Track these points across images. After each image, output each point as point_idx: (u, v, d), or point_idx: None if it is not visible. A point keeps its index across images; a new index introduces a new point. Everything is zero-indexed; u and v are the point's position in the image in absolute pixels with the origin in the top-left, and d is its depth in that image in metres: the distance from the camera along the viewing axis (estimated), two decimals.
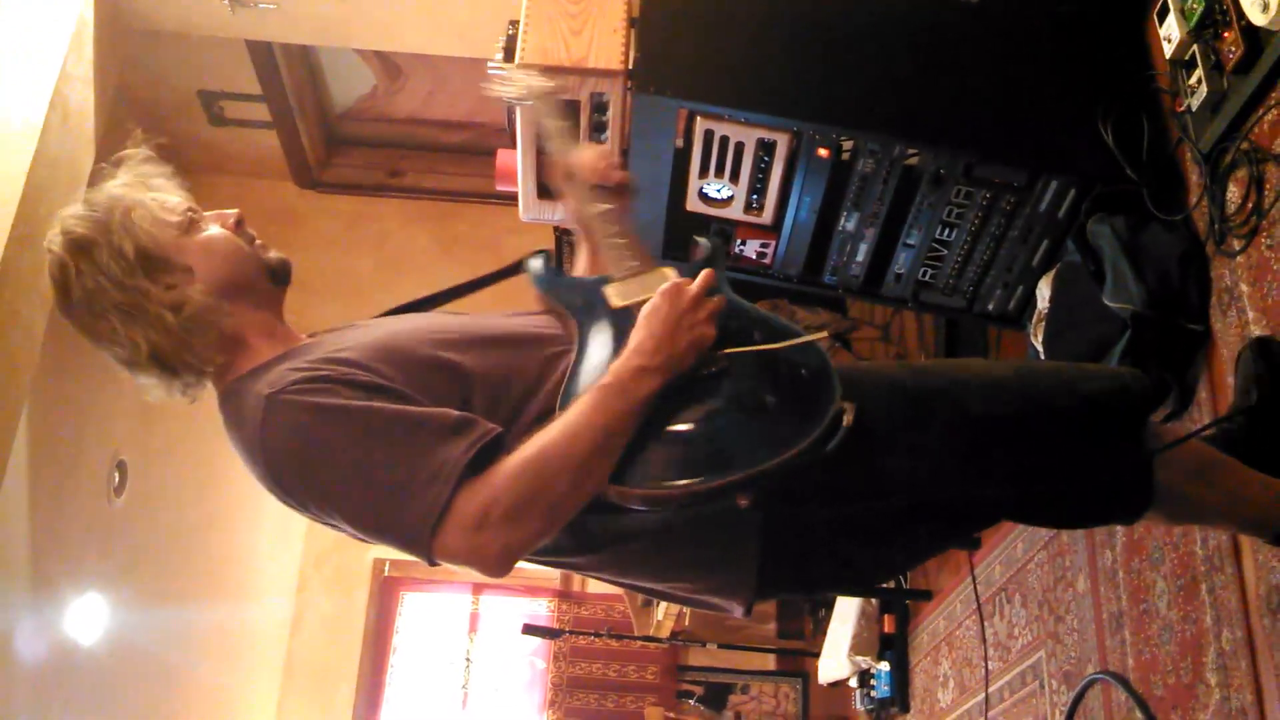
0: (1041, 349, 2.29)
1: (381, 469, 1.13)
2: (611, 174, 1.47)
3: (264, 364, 1.25)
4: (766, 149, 2.24)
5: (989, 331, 2.95)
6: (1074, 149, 2.19)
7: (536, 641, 5.63)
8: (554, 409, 1.19)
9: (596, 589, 5.81)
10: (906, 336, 3.63)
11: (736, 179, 2.30)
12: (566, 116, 1.65)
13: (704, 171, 2.30)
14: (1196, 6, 1.93)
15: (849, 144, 2.22)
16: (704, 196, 2.35)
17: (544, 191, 2.55)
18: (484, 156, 4.75)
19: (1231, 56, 1.85)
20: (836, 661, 3.95)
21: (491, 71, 2.34)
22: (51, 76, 3.02)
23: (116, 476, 4.13)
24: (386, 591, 6.10)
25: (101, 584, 4.00)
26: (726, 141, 2.23)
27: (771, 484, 1.13)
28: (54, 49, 3.05)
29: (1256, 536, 1.67)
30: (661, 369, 1.18)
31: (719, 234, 2.39)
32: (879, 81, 2.24)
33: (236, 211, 1.36)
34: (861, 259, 2.41)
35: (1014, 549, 2.85)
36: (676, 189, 2.34)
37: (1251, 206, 1.85)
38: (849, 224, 2.35)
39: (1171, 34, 2.03)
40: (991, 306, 2.44)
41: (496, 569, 1.12)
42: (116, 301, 1.24)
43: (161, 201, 1.31)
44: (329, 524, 1.21)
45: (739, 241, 2.42)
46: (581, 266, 1.58)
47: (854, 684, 3.99)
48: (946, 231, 2.32)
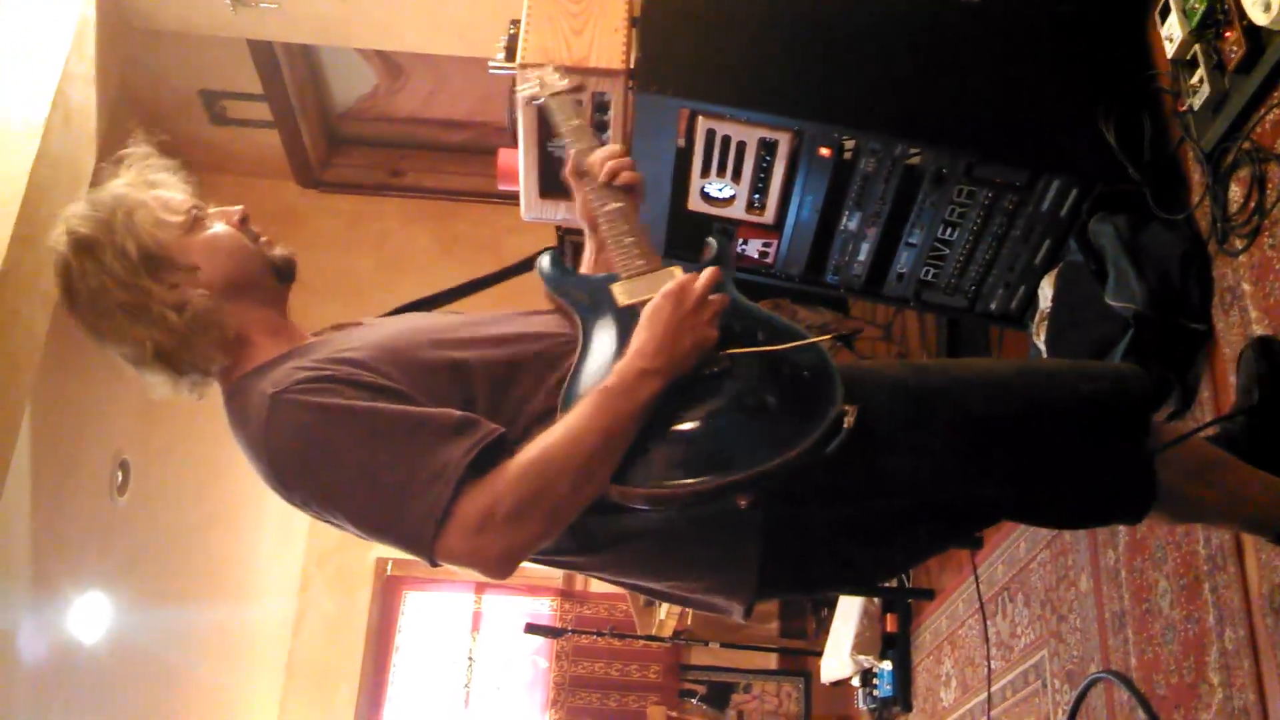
0: (1043, 348, 2.29)
1: (384, 469, 1.13)
2: (621, 173, 1.47)
3: (269, 362, 1.26)
4: (768, 148, 2.24)
5: (991, 331, 2.95)
6: (1075, 148, 2.19)
7: (539, 640, 5.64)
8: (556, 408, 1.19)
9: (599, 588, 5.81)
10: (908, 336, 3.63)
11: (738, 178, 2.30)
12: (583, 115, 1.66)
13: (706, 171, 2.30)
14: (1198, 6, 1.93)
15: (851, 143, 2.22)
16: (706, 196, 2.35)
17: (545, 191, 2.55)
18: (485, 156, 4.76)
19: (1233, 56, 1.85)
20: (839, 660, 3.95)
21: (493, 68, 2.35)
22: (53, 76, 3.02)
23: (119, 476, 4.13)
24: (389, 591, 6.10)
25: (103, 583, 4.00)
26: (728, 141, 2.23)
27: (772, 484, 1.13)
28: (56, 48, 3.05)
29: (1259, 535, 1.67)
30: (663, 371, 1.18)
31: (723, 232, 2.39)
32: (880, 81, 2.24)
33: (241, 208, 1.36)
34: (863, 258, 2.41)
35: (1016, 548, 2.85)
36: (678, 188, 2.34)
37: (1253, 206, 1.85)
38: (851, 223, 2.35)
39: (1173, 33, 2.02)
40: (993, 306, 2.44)
41: (498, 570, 1.12)
42: (121, 301, 1.25)
43: (165, 200, 1.31)
44: (331, 522, 1.22)
45: (741, 241, 2.42)
46: (587, 264, 1.57)
47: (856, 683, 3.99)
48: (948, 231, 2.32)
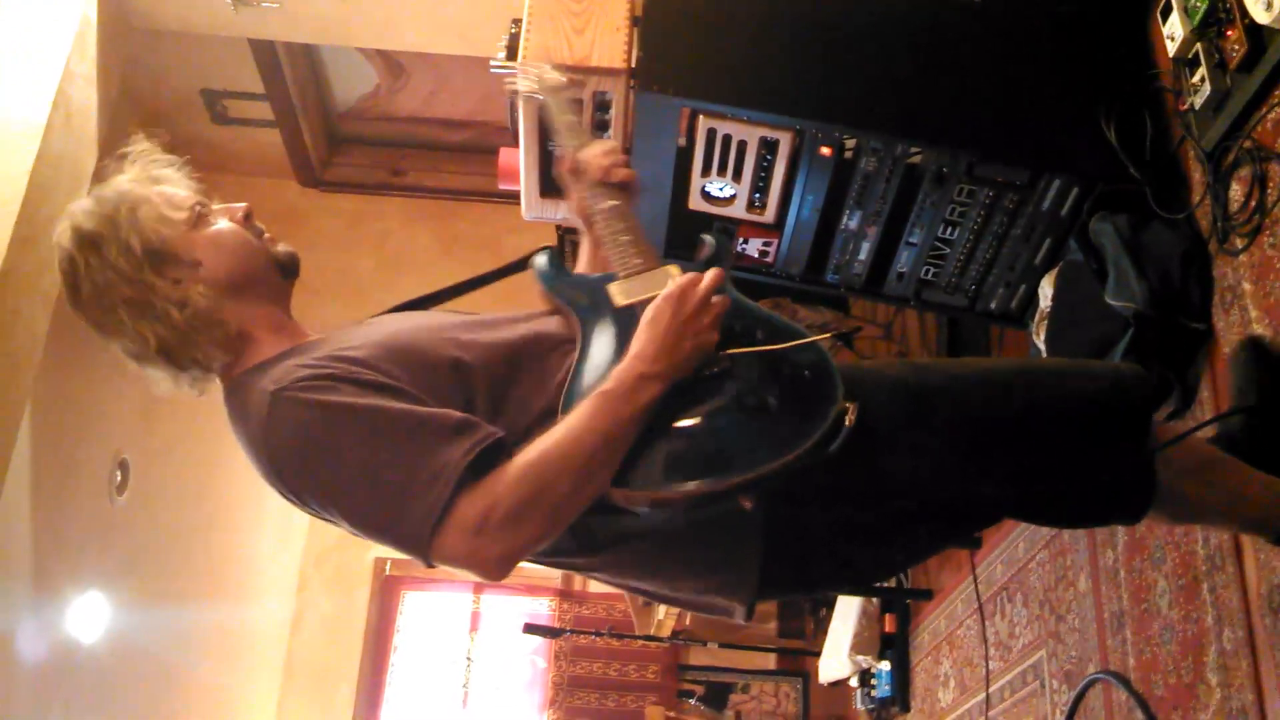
0: (1044, 348, 2.29)
1: (383, 469, 1.13)
2: (616, 171, 1.46)
3: (270, 359, 1.26)
4: (769, 147, 2.24)
5: (991, 330, 2.95)
6: (1076, 148, 2.19)
7: (537, 640, 5.64)
8: (557, 409, 1.19)
9: (597, 588, 5.81)
10: (909, 335, 3.62)
11: (739, 178, 2.30)
12: (577, 112, 1.64)
13: (706, 170, 2.30)
14: (1200, 5, 1.93)
15: (852, 143, 2.22)
16: (706, 195, 2.35)
17: (546, 190, 2.54)
18: (486, 155, 4.77)
19: (1235, 55, 1.85)
20: (837, 661, 3.95)
21: (495, 68, 2.35)
22: (54, 76, 3.02)
23: (118, 476, 4.13)
24: (387, 591, 6.10)
25: (102, 583, 4.00)
26: (729, 140, 2.23)
27: (774, 485, 1.12)
28: (57, 48, 3.05)
29: (1258, 535, 1.67)
30: (663, 375, 1.17)
31: (723, 232, 2.39)
32: (881, 80, 2.25)
33: (245, 205, 1.36)
34: (864, 257, 2.41)
35: (1015, 548, 2.85)
36: (679, 188, 2.34)
37: (1254, 205, 1.85)
38: (851, 222, 2.35)
39: (1175, 32, 2.03)
40: (994, 305, 2.44)
41: (494, 572, 1.12)
42: (125, 296, 1.25)
43: (169, 196, 1.31)
44: (329, 520, 1.21)
45: (741, 240, 2.42)
46: (584, 263, 1.57)
47: (855, 683, 3.99)
48: (949, 230, 2.32)
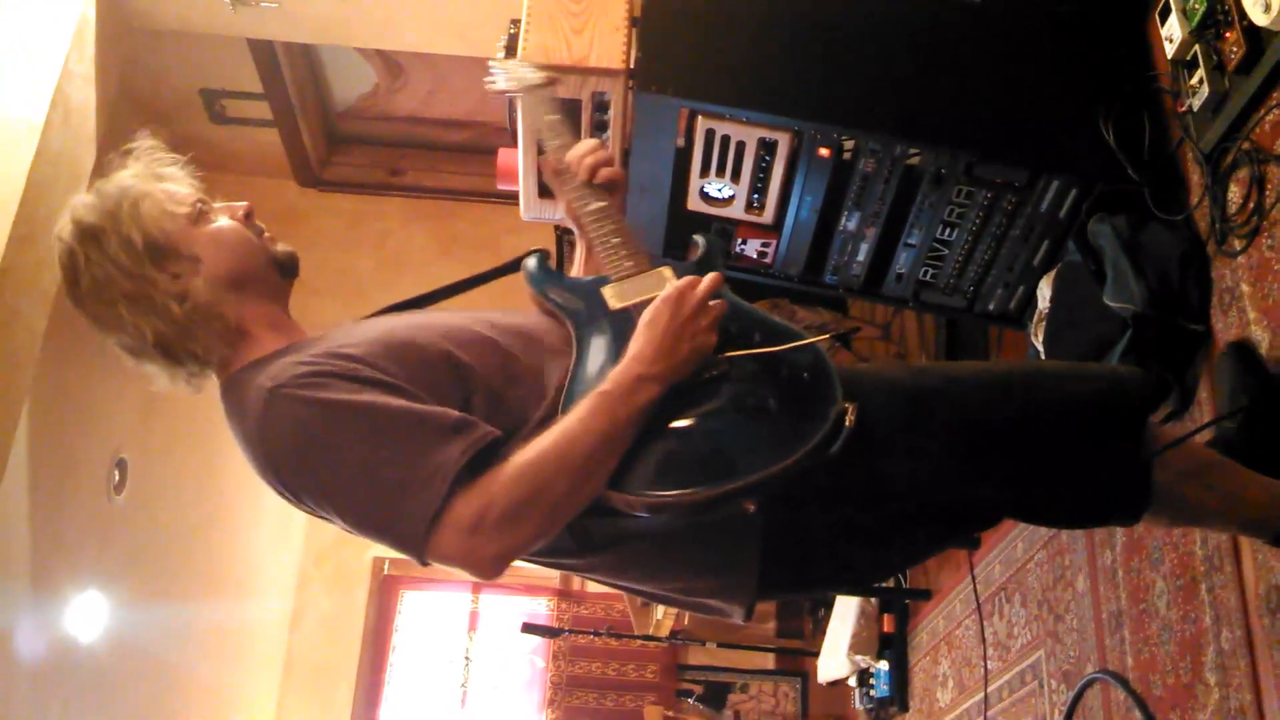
0: (1042, 349, 2.29)
1: (380, 467, 1.13)
2: (602, 171, 1.45)
3: (267, 356, 1.26)
4: (768, 148, 2.24)
5: (990, 331, 2.95)
6: (1075, 149, 2.19)
7: (536, 640, 5.63)
8: (555, 412, 1.19)
9: (596, 588, 5.79)
10: (907, 336, 3.62)
11: (738, 178, 2.30)
12: (560, 110, 1.63)
13: (705, 171, 2.30)
14: (1198, 7, 1.94)
15: (850, 143, 2.22)
16: (705, 196, 2.35)
17: (545, 190, 2.55)
18: (485, 155, 4.77)
19: (1233, 57, 1.85)
20: (836, 661, 3.95)
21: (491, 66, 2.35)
22: (53, 75, 3.02)
23: (116, 474, 4.13)
24: (386, 590, 6.10)
25: (101, 582, 4.00)
26: (728, 141, 2.23)
27: (775, 488, 1.12)
28: (55, 47, 3.05)
29: (1256, 537, 1.67)
30: (661, 377, 1.17)
31: (721, 233, 2.39)
32: (880, 81, 2.24)
33: (246, 204, 1.37)
34: (862, 258, 2.41)
35: (1013, 548, 2.85)
36: (678, 188, 2.34)
37: (1252, 207, 1.85)
38: (850, 223, 2.35)
39: (1173, 34, 2.03)
40: (992, 306, 2.44)
41: (489, 572, 1.12)
42: (124, 290, 1.25)
43: (171, 192, 1.31)
44: (325, 518, 1.21)
45: (740, 241, 2.42)
46: (578, 265, 1.56)
47: (853, 683, 3.99)
48: (947, 231, 2.32)
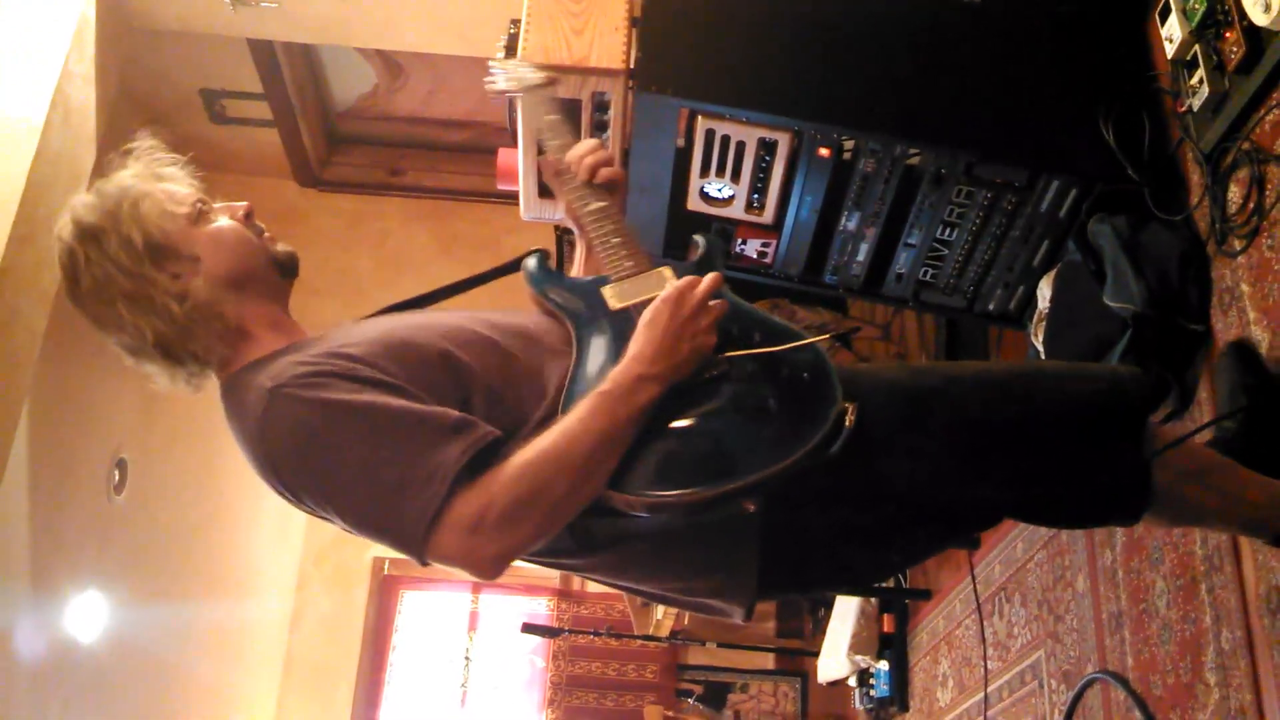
0: (1042, 348, 2.29)
1: (381, 467, 1.13)
2: (602, 171, 1.45)
3: (267, 356, 1.26)
4: (768, 148, 2.24)
5: (989, 331, 2.95)
6: (1075, 149, 2.19)
7: (536, 640, 5.63)
8: (555, 412, 1.19)
9: (596, 588, 5.79)
10: (907, 336, 3.62)
11: (738, 178, 2.30)
12: (559, 110, 1.62)
13: (705, 171, 2.30)
14: (1198, 6, 1.94)
15: (850, 144, 2.22)
16: (705, 196, 2.35)
17: (545, 190, 2.55)
18: (485, 155, 4.77)
19: (1233, 57, 1.85)
20: (836, 660, 3.95)
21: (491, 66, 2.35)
22: (53, 75, 3.02)
23: (116, 474, 4.13)
24: (386, 589, 6.09)
25: (101, 581, 4.00)
26: (728, 141, 2.23)
27: (775, 488, 1.12)
28: (55, 47, 3.05)
29: (1256, 537, 1.67)
30: (661, 377, 1.17)
31: (721, 233, 2.39)
32: (880, 81, 2.25)
33: (246, 204, 1.37)
34: (862, 258, 2.41)
35: (1013, 548, 2.85)
36: (678, 188, 2.34)
37: (1252, 207, 1.85)
38: (850, 223, 2.35)
39: (1173, 34, 2.03)
40: (992, 306, 2.44)
41: (489, 571, 1.12)
42: (124, 289, 1.25)
43: (171, 192, 1.32)
44: (324, 518, 1.21)
45: (740, 241, 2.42)
46: (578, 265, 1.56)
47: (853, 683, 3.99)
48: (947, 231, 2.32)
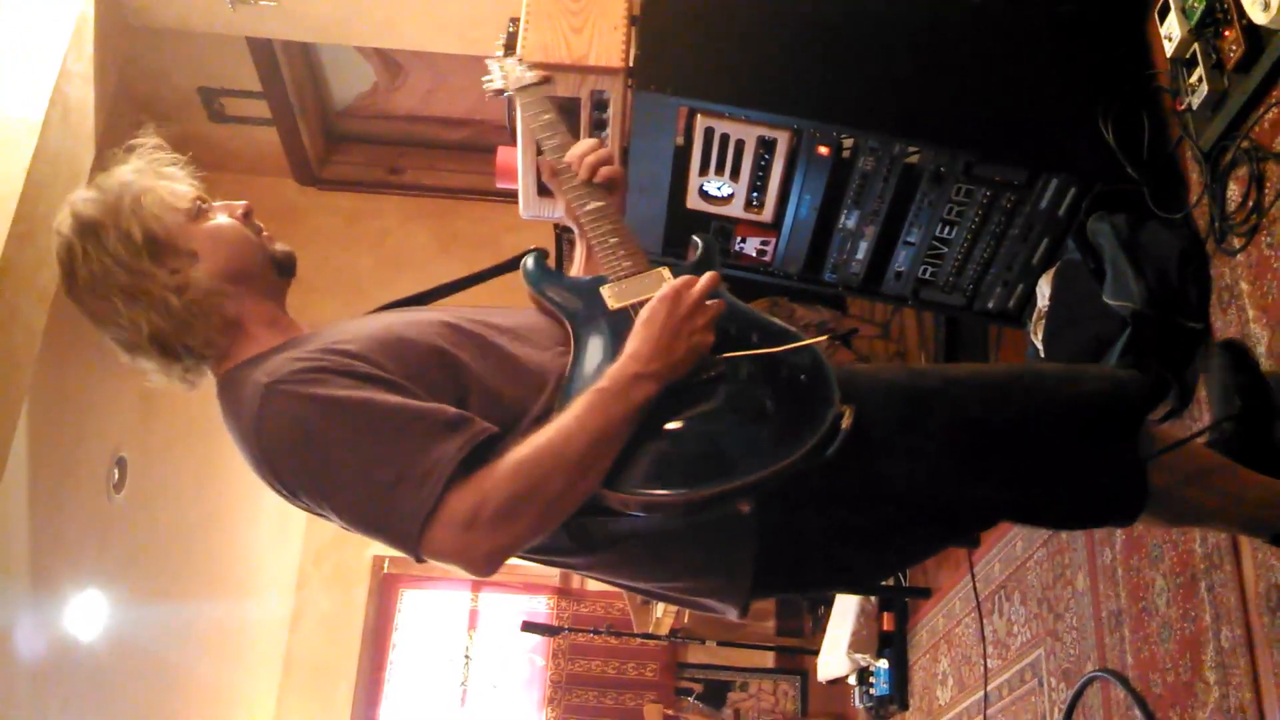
0: (1041, 347, 2.29)
1: (377, 464, 1.13)
2: (600, 170, 1.45)
3: (264, 353, 1.26)
4: (767, 147, 2.24)
5: (989, 329, 2.95)
6: (1074, 147, 2.19)
7: (536, 639, 5.63)
8: (552, 411, 1.19)
9: (596, 586, 5.80)
10: (906, 334, 3.62)
11: (737, 177, 2.30)
12: (557, 109, 1.62)
13: (704, 169, 2.30)
14: (1197, 5, 1.94)
15: (849, 142, 2.22)
16: (704, 194, 2.35)
17: (544, 189, 2.54)
18: (484, 153, 4.75)
19: (1232, 55, 1.85)
20: (835, 659, 3.95)
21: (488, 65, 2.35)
22: (52, 73, 3.02)
23: (116, 473, 4.13)
24: (386, 588, 6.10)
25: (101, 580, 4.00)
26: (727, 139, 2.23)
27: (771, 488, 1.12)
28: (54, 46, 3.05)
29: (1256, 537, 1.67)
30: (658, 376, 1.17)
31: (720, 231, 2.39)
32: (880, 80, 2.25)
33: (245, 203, 1.37)
34: (862, 257, 2.41)
35: (1013, 547, 2.86)
36: (677, 187, 2.34)
37: (1252, 205, 1.85)
38: (849, 222, 2.35)
39: (1172, 32, 2.03)
40: (991, 304, 2.44)
41: (484, 568, 1.12)
42: (122, 284, 1.25)
43: (171, 188, 1.32)
44: (319, 514, 1.21)
45: (739, 239, 2.42)
46: (578, 265, 1.56)
47: (853, 681, 3.99)
48: (947, 229, 2.32)
